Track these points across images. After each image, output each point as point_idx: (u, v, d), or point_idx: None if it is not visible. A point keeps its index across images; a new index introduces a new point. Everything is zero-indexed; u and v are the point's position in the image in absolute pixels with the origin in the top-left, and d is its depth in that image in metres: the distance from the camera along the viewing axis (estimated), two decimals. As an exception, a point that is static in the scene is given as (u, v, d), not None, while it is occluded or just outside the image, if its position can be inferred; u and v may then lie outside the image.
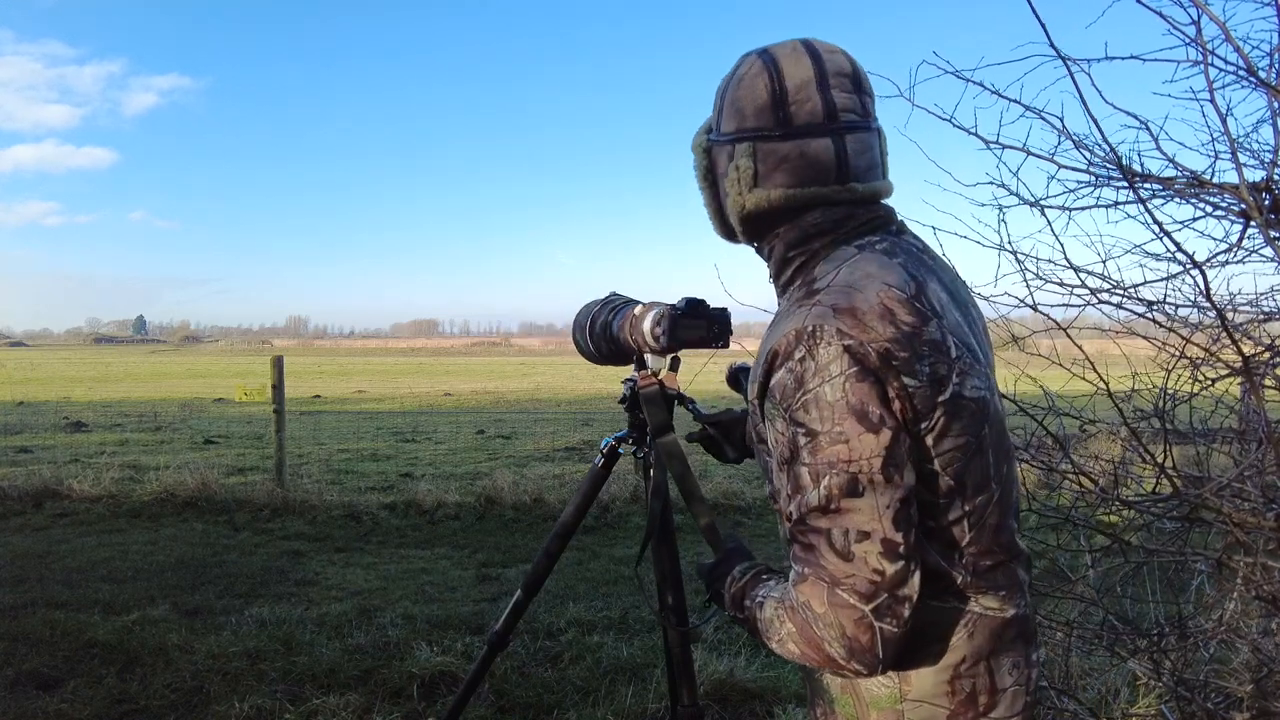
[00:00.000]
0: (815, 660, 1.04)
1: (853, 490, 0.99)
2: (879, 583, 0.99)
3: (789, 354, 1.04)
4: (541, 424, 14.25)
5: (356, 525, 6.72)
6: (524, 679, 3.55)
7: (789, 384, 1.03)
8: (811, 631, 1.02)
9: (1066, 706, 2.59)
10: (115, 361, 58.34)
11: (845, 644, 1.00)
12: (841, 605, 0.99)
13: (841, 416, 1.00)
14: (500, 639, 1.98)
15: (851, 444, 0.99)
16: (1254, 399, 1.99)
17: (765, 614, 1.10)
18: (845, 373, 1.01)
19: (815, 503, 1.01)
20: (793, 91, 1.14)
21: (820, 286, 1.09)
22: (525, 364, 54.27)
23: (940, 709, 1.11)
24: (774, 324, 1.16)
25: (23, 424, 13.77)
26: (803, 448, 1.02)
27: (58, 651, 3.83)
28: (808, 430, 1.01)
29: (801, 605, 1.03)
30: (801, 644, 1.04)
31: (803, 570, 1.03)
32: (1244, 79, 1.90)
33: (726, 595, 1.21)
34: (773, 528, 6.57)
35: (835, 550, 1.00)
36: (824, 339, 1.02)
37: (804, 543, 1.03)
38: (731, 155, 1.19)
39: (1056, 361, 2.30)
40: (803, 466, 1.02)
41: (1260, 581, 2.00)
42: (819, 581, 1.01)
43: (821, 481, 1.00)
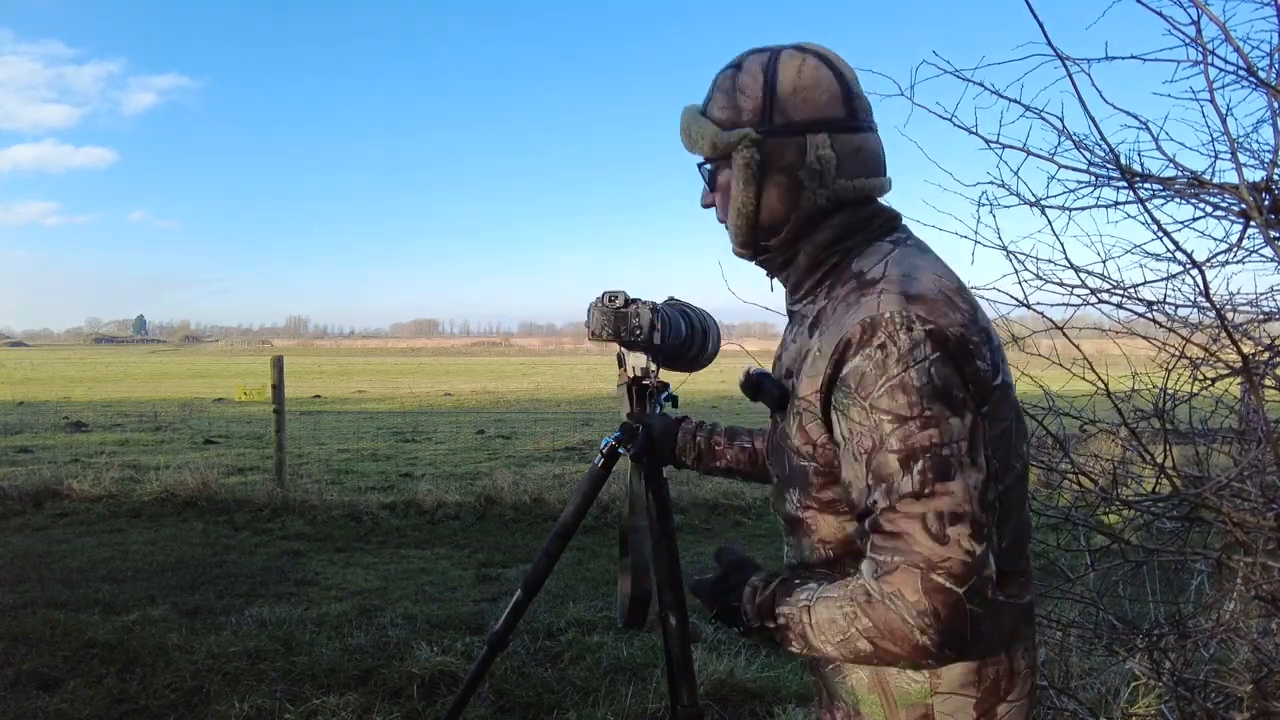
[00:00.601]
0: (894, 654, 1.02)
1: (945, 473, 0.99)
2: (970, 564, 0.98)
3: (865, 342, 1.03)
4: (541, 424, 14.25)
5: (356, 525, 6.72)
6: (524, 679, 3.55)
7: (868, 371, 1.02)
8: (898, 623, 0.99)
9: (1066, 706, 2.59)
10: (115, 361, 58.35)
11: (939, 630, 0.98)
12: (936, 590, 0.98)
13: (930, 400, 1.00)
14: (500, 639, 1.98)
15: (942, 427, 0.99)
16: (1254, 399, 1.99)
17: (822, 615, 1.06)
18: (930, 357, 1.01)
19: (909, 488, 0.99)
20: (852, 86, 1.17)
21: (875, 277, 1.09)
22: (525, 364, 54.29)
23: (968, 698, 1.11)
24: (818, 323, 1.14)
25: (23, 424, 13.76)
26: (890, 434, 1.00)
27: (58, 651, 3.83)
28: (895, 416, 1.00)
29: (889, 595, 1.00)
30: (880, 638, 1.01)
31: (890, 559, 1.00)
32: (1244, 79, 1.90)
33: (747, 607, 1.16)
34: (773, 528, 6.56)
35: (930, 534, 0.98)
36: (904, 325, 1.02)
37: (890, 530, 1.00)
38: (803, 147, 1.14)
39: (1056, 361, 2.30)
40: (890, 454, 1.00)
41: (1260, 581, 2.00)
42: (911, 569, 0.98)
43: (914, 466, 0.99)
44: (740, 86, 1.18)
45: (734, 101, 1.18)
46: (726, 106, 1.19)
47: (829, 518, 1.15)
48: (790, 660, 3.69)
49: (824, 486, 1.14)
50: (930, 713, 1.11)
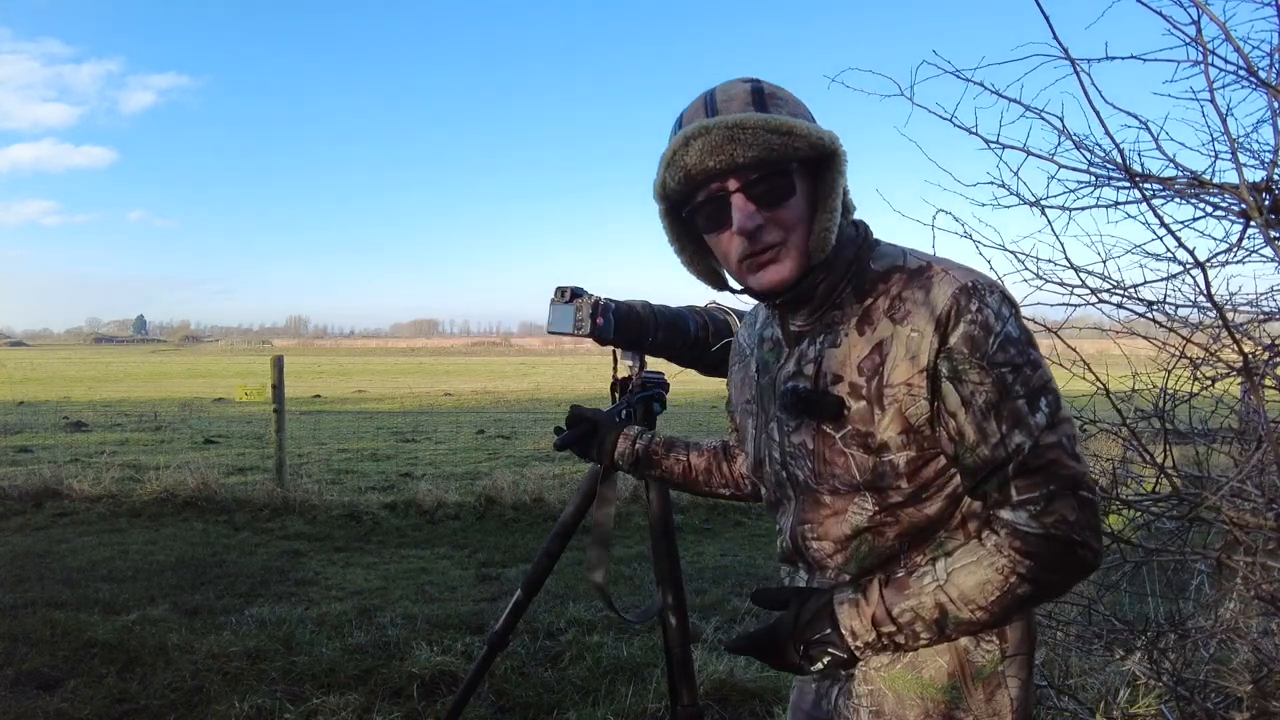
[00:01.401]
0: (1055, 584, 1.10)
1: (1059, 403, 1.12)
2: (1091, 475, 1.12)
3: (964, 309, 1.11)
4: (541, 424, 14.24)
5: (356, 525, 6.72)
6: (524, 679, 3.55)
7: (977, 334, 1.10)
8: (1062, 548, 1.07)
9: (1066, 706, 2.59)
10: (115, 361, 58.34)
11: (1097, 536, 1.09)
12: (1088, 502, 1.09)
13: (1029, 346, 1.12)
14: (500, 639, 1.98)
15: (1043, 367, 1.12)
16: (1254, 399, 1.99)
17: (967, 584, 1.10)
18: (1014, 311, 1.13)
19: (1044, 422, 1.09)
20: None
21: (918, 265, 1.17)
22: (525, 364, 54.28)
23: (1025, 656, 1.19)
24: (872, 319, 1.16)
25: (23, 424, 13.76)
26: (1012, 383, 1.10)
27: (58, 651, 3.83)
28: (1012, 365, 1.10)
29: (1053, 525, 1.07)
30: (1044, 572, 1.08)
31: (1046, 491, 1.08)
32: (1244, 79, 1.90)
33: (853, 624, 1.14)
34: (773, 528, 6.58)
35: (1070, 454, 1.09)
36: (987, 289, 1.12)
37: (1039, 464, 1.08)
38: (842, 172, 1.16)
39: (1056, 361, 2.30)
40: (1018, 400, 1.09)
41: (1260, 581, 2.00)
42: (1064, 492, 1.08)
43: (1040, 403, 1.10)
44: (784, 97, 1.16)
45: (796, 107, 1.17)
46: (799, 109, 1.17)
47: (910, 509, 1.17)
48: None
49: (913, 475, 1.16)
50: (1002, 680, 1.17)
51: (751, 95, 1.15)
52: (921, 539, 1.18)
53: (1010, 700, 1.17)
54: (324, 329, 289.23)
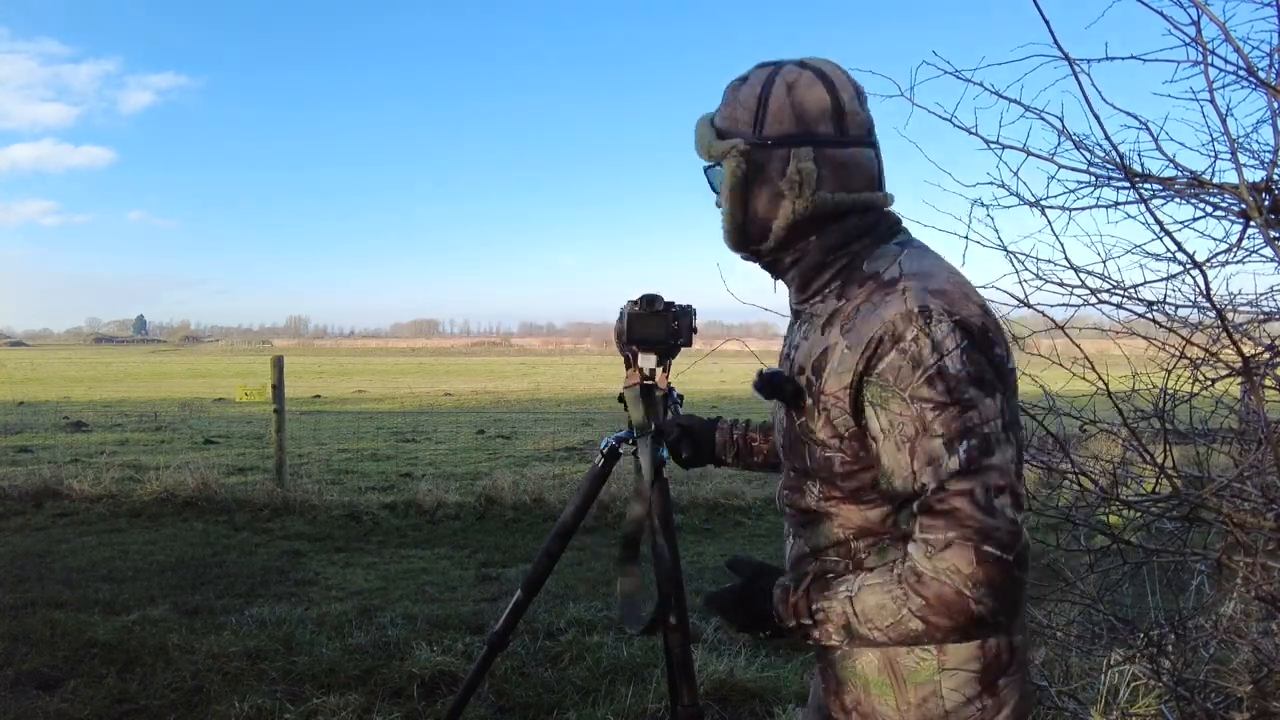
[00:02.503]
0: (945, 628, 1.07)
1: (987, 450, 1.06)
2: (1015, 532, 1.05)
3: (899, 337, 1.09)
4: (541, 424, 14.24)
5: (356, 525, 6.72)
6: (524, 679, 3.55)
7: (904, 365, 1.08)
8: (953, 596, 1.05)
9: (1066, 706, 2.59)
10: (115, 361, 58.33)
11: (995, 597, 1.04)
12: (991, 560, 1.04)
13: (966, 385, 1.07)
14: (500, 639, 1.98)
15: (979, 408, 1.07)
16: (1254, 399, 1.99)
17: (869, 602, 1.11)
18: (960, 345, 1.08)
19: (956, 467, 1.05)
20: (846, 102, 1.21)
21: (893, 276, 1.16)
22: (525, 364, 54.29)
23: (972, 674, 1.17)
24: (836, 321, 1.19)
25: (23, 424, 13.76)
26: (933, 420, 1.06)
27: (58, 651, 3.83)
28: (936, 403, 1.06)
29: (945, 571, 1.05)
30: (933, 614, 1.06)
31: (942, 536, 1.06)
32: (1244, 79, 1.90)
33: (780, 608, 1.20)
34: (773, 528, 6.58)
35: (980, 506, 1.04)
36: (935, 318, 1.08)
37: (941, 509, 1.06)
38: (787, 159, 1.20)
39: (1056, 361, 2.31)
40: (935, 438, 1.06)
41: (1260, 581, 2.00)
42: (965, 542, 1.04)
43: (959, 447, 1.06)
44: (739, 99, 1.24)
45: (733, 112, 1.25)
46: (727, 117, 1.26)
47: (851, 506, 1.20)
48: (796, 656, 3.69)
49: (849, 476, 1.19)
50: (938, 689, 1.17)
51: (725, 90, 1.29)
52: (868, 536, 1.20)
53: (944, 712, 1.17)
54: (324, 329, 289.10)
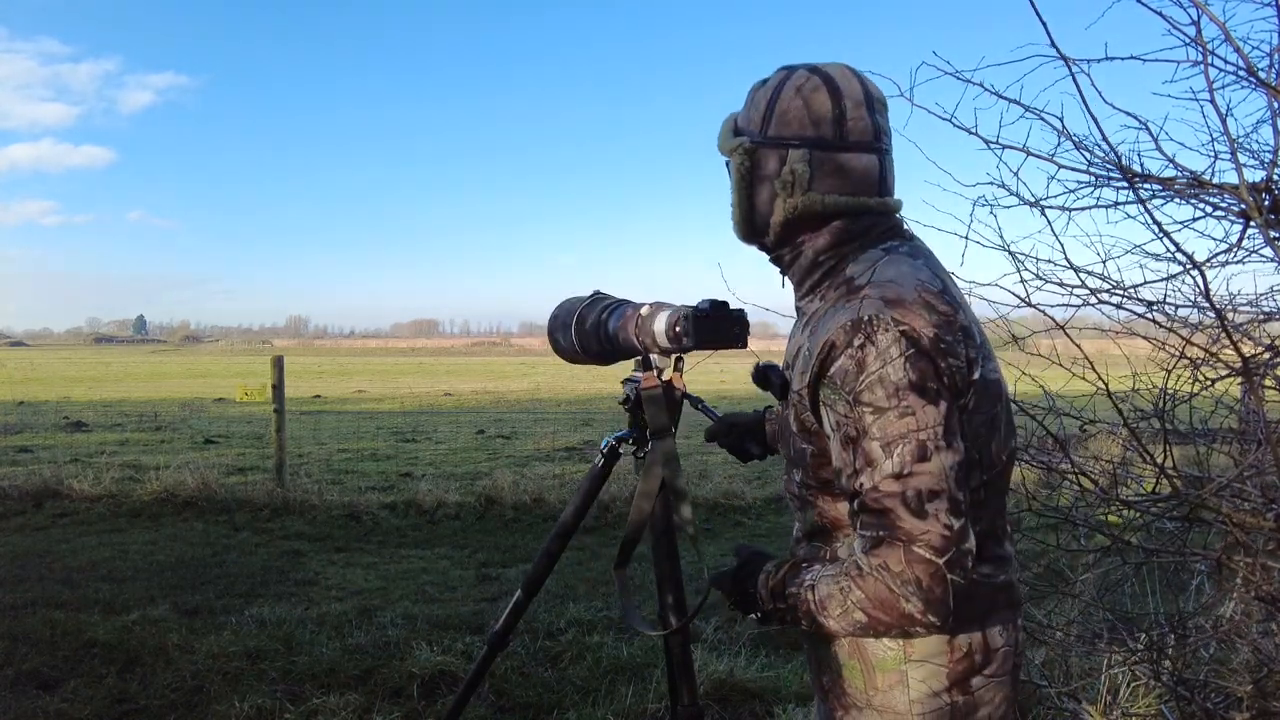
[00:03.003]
0: (885, 622, 1.12)
1: (922, 455, 1.09)
2: (949, 537, 1.08)
3: (848, 343, 1.14)
4: (541, 424, 14.24)
5: (356, 525, 6.72)
6: (524, 679, 3.55)
7: (850, 369, 1.13)
8: (886, 593, 1.10)
9: (1066, 706, 2.59)
10: (115, 361, 58.28)
11: (922, 597, 1.08)
12: (919, 561, 1.08)
13: (905, 392, 1.10)
14: (500, 639, 1.98)
15: (917, 415, 1.10)
16: (1254, 399, 1.99)
17: (822, 591, 1.17)
18: (904, 354, 1.11)
19: (890, 470, 1.10)
20: (850, 108, 1.26)
21: (861, 283, 1.20)
22: (525, 364, 54.25)
23: (939, 667, 1.21)
24: (811, 321, 1.26)
25: (23, 424, 13.75)
26: (871, 424, 1.11)
27: (58, 651, 3.83)
28: (875, 408, 1.11)
29: (876, 568, 1.10)
30: (872, 608, 1.11)
31: (876, 534, 1.11)
32: (1244, 79, 1.90)
33: (761, 591, 1.27)
34: (773, 528, 6.59)
35: (910, 510, 1.09)
36: (881, 326, 1.12)
37: (876, 509, 1.11)
38: (784, 159, 1.26)
39: (1056, 361, 2.31)
40: (873, 441, 1.11)
41: (1260, 581, 2.00)
42: (895, 542, 1.09)
43: (894, 451, 1.10)
44: (754, 100, 1.31)
45: (749, 112, 1.31)
46: (743, 116, 1.33)
47: (826, 497, 1.27)
48: (796, 656, 3.69)
49: (819, 468, 1.26)
50: (904, 679, 1.22)
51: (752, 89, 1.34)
52: (841, 527, 1.27)
53: (909, 701, 1.22)
54: (324, 329, 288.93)
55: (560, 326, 1.75)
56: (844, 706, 1.28)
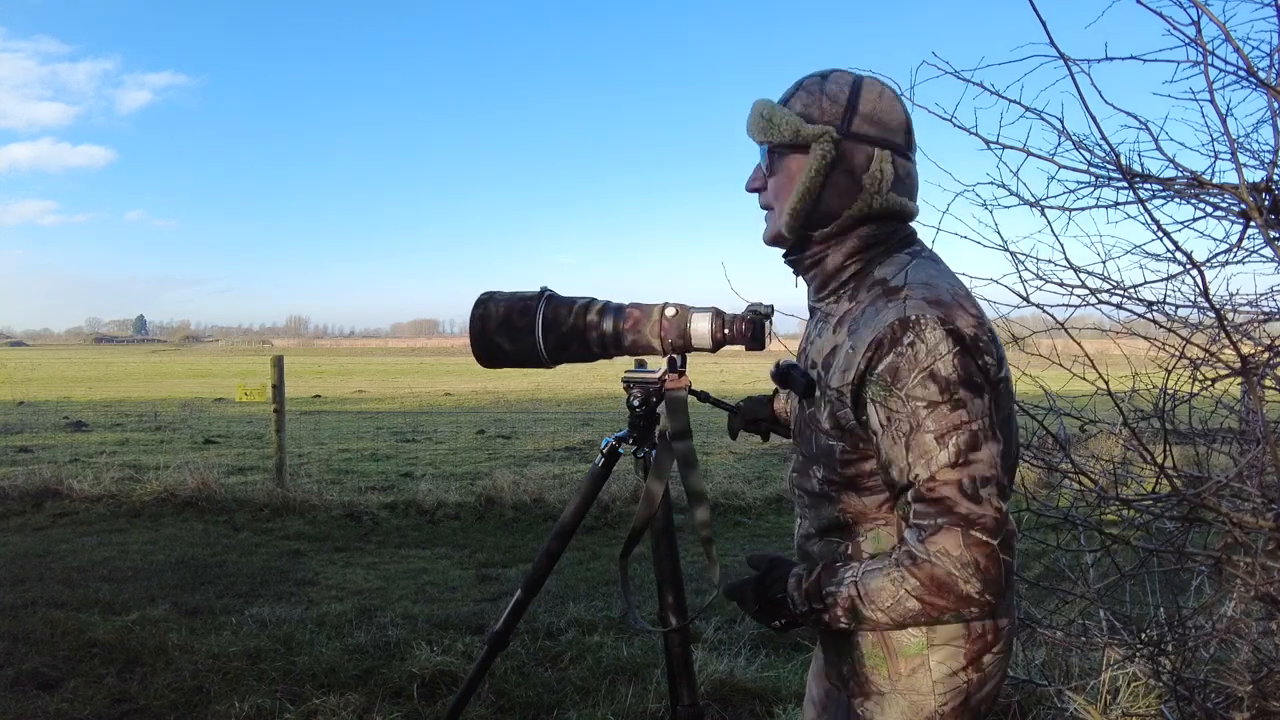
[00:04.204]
0: (940, 606, 1.17)
1: (974, 445, 1.16)
2: (1000, 519, 1.15)
3: (896, 341, 1.19)
4: (541, 424, 14.24)
5: (356, 525, 6.72)
6: (524, 679, 3.55)
7: (901, 366, 1.18)
8: (945, 577, 1.15)
9: (1066, 706, 2.59)
10: (115, 361, 58.26)
11: (981, 578, 1.15)
12: (976, 544, 1.14)
13: (956, 386, 1.17)
14: (500, 639, 1.98)
15: (968, 407, 1.17)
16: (1253, 399, 1.99)
17: (870, 585, 1.21)
18: (952, 350, 1.18)
19: (946, 460, 1.16)
20: (909, 122, 1.35)
21: (898, 284, 1.25)
22: (525, 364, 54.05)
23: (958, 649, 1.28)
24: (845, 321, 1.29)
25: (23, 424, 13.76)
26: (925, 418, 1.16)
27: (58, 651, 3.83)
28: (928, 402, 1.17)
29: (935, 554, 1.16)
30: (929, 594, 1.17)
31: (934, 522, 1.16)
32: (1244, 79, 1.90)
33: (794, 595, 1.30)
34: (773, 528, 6.58)
35: (967, 496, 1.15)
36: (928, 325, 1.18)
37: (933, 498, 1.16)
38: (871, 157, 1.30)
39: (1056, 361, 2.31)
40: (927, 434, 1.17)
41: (1260, 582, 2.00)
42: (953, 528, 1.15)
43: (949, 441, 1.16)
44: (828, 92, 1.33)
45: (819, 103, 1.32)
46: (811, 105, 1.33)
47: (850, 493, 1.31)
48: (796, 656, 3.69)
49: (848, 464, 1.29)
50: (926, 662, 1.29)
51: (795, 85, 1.36)
52: (865, 521, 1.31)
53: (931, 682, 1.28)
54: (324, 329, 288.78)
55: (504, 327, 1.63)
56: (865, 693, 1.33)
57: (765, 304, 1.58)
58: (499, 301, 1.66)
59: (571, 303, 1.65)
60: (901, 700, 1.30)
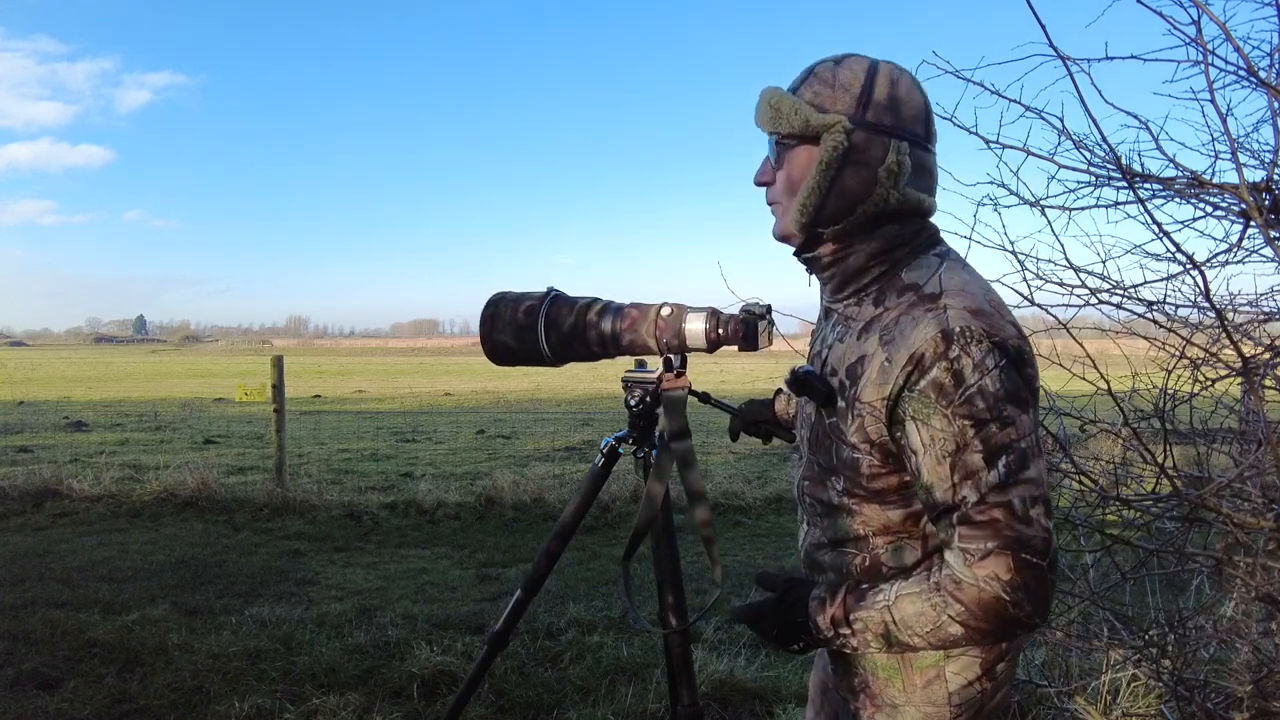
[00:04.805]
0: (986, 631, 1.13)
1: (1024, 464, 1.11)
2: (1048, 539, 1.11)
3: (940, 355, 1.12)
4: (541, 424, 14.24)
5: (356, 525, 6.72)
6: (524, 679, 3.55)
7: (947, 382, 1.12)
8: (993, 602, 1.10)
9: (1066, 706, 2.59)
10: (116, 361, 58.25)
11: (1033, 600, 1.10)
12: (1029, 566, 1.10)
13: (1004, 403, 1.11)
14: (500, 639, 1.98)
15: (1017, 424, 1.12)
16: (1254, 399, 1.99)
17: (908, 610, 1.16)
18: (999, 365, 1.12)
19: (996, 480, 1.10)
20: (929, 109, 1.27)
21: (933, 291, 1.18)
22: (525, 364, 54.05)
23: (975, 659, 1.25)
24: (870, 328, 1.22)
25: (23, 424, 13.76)
26: (973, 437, 1.11)
27: (58, 651, 3.83)
28: (975, 420, 1.11)
29: (984, 579, 1.10)
30: (975, 619, 1.12)
31: (983, 546, 1.11)
32: (1244, 79, 1.90)
33: (818, 619, 1.24)
34: (773, 528, 6.58)
35: (1017, 516, 1.10)
36: (974, 339, 1.12)
37: (980, 520, 1.11)
38: (888, 148, 1.21)
39: (1056, 361, 2.30)
40: (975, 453, 1.11)
41: (1260, 582, 2.00)
42: (1003, 551, 1.10)
43: (998, 461, 1.11)
44: (840, 80, 1.24)
45: (830, 93, 1.24)
46: (823, 94, 1.24)
47: (873, 506, 1.25)
48: (795, 657, 3.69)
49: (875, 478, 1.23)
50: (942, 674, 1.25)
51: (806, 72, 1.27)
52: (887, 535, 1.25)
53: (947, 694, 1.25)
54: (324, 329, 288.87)
55: (510, 326, 1.67)
56: (876, 705, 1.29)
57: (761, 303, 1.54)
58: (508, 302, 1.69)
59: (574, 303, 1.65)
60: (916, 713, 1.26)
